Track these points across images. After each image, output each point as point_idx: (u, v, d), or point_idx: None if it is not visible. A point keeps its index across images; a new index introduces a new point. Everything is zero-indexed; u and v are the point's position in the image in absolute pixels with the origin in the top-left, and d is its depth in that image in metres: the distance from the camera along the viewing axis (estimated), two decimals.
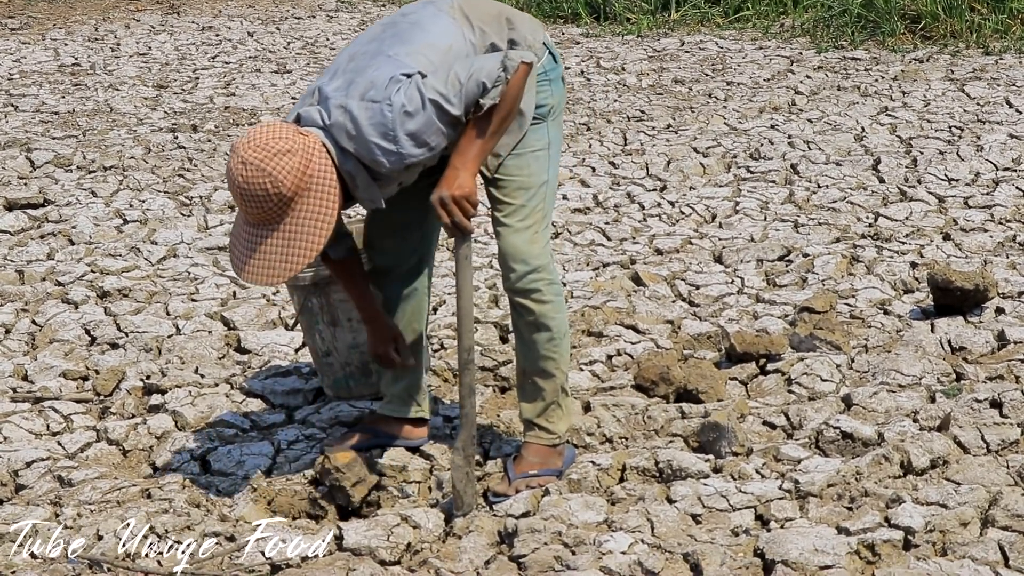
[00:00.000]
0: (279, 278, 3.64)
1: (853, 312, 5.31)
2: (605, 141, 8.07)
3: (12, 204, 6.97)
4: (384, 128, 3.65)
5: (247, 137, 3.63)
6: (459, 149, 3.73)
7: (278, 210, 3.60)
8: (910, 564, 3.41)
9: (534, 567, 3.56)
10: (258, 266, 3.64)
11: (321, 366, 4.60)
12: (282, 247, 3.62)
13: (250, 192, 3.58)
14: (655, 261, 6.04)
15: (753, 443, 4.24)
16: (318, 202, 3.62)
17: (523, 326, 3.99)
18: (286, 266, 3.62)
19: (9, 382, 4.87)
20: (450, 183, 3.70)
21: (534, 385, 4.05)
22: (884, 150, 7.53)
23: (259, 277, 3.65)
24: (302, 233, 3.62)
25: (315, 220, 3.62)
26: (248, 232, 3.66)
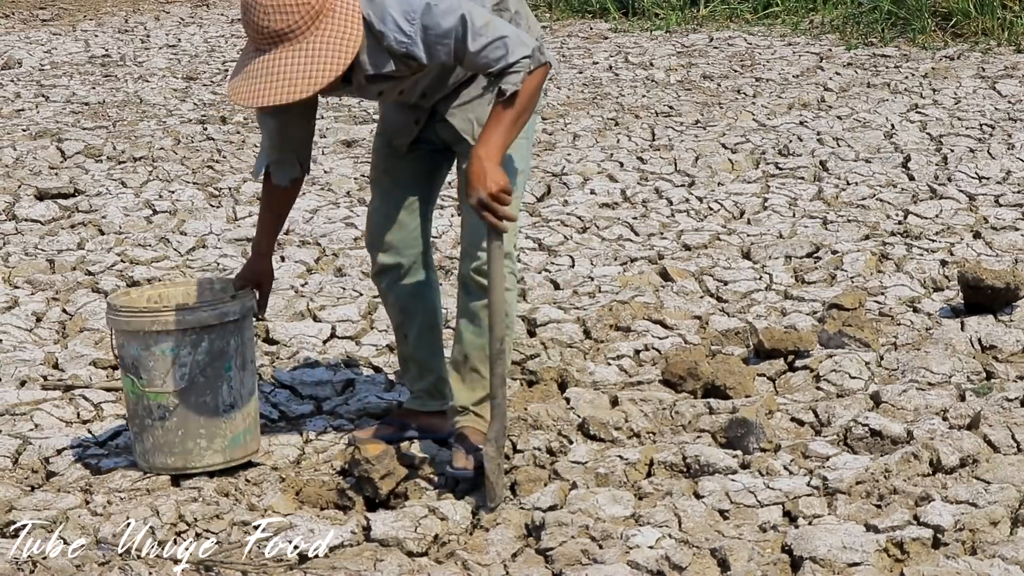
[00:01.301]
0: (301, 93, 3.51)
1: (882, 309, 5.29)
2: (633, 136, 8.06)
3: (43, 194, 7.01)
4: (409, 8, 3.60)
5: None
6: (483, 139, 3.68)
7: (303, 23, 3.51)
8: (939, 563, 3.40)
9: (561, 560, 3.56)
10: (277, 85, 3.51)
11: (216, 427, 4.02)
12: (304, 63, 3.51)
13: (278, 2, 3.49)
14: (683, 256, 6.04)
15: (781, 439, 4.23)
16: (343, 20, 3.54)
17: (480, 309, 3.96)
18: (308, 81, 3.51)
19: (40, 370, 4.89)
20: (483, 180, 3.64)
21: (477, 374, 4.03)
22: (914, 147, 7.50)
23: (279, 94, 3.51)
24: (326, 50, 3.52)
25: (340, 38, 3.53)
26: (262, 59, 3.54)
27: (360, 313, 5.38)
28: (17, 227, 6.58)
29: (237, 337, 4.01)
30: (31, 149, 7.86)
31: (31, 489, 4.05)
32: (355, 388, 4.75)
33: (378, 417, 4.52)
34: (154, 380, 3.96)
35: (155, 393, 3.97)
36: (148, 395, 3.97)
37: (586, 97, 9.08)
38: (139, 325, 3.95)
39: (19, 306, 5.55)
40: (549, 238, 6.31)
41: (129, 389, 4.02)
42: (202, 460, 4.01)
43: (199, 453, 4.01)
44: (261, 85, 3.52)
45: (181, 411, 3.97)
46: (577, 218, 6.58)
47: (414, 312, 4.20)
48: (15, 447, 4.25)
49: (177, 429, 3.98)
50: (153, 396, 3.97)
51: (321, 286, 5.77)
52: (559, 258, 6.08)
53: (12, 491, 3.99)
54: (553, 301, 5.53)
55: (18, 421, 4.48)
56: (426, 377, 4.28)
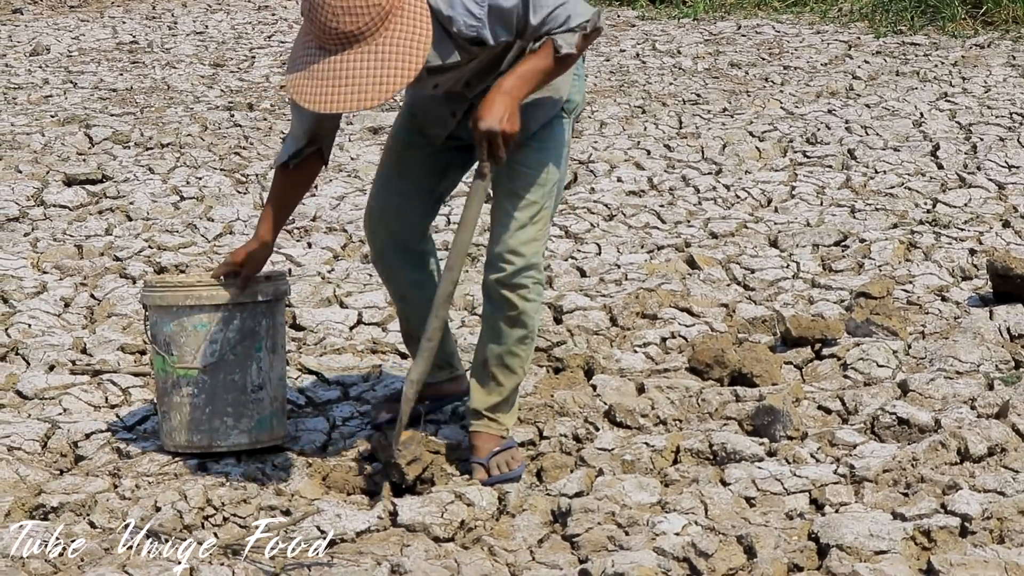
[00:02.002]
0: (374, 101, 3.37)
1: (910, 298, 5.27)
2: (660, 124, 8.04)
3: (71, 180, 7.03)
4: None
5: None
6: (515, 73, 3.58)
7: (372, 25, 3.36)
8: (967, 551, 3.39)
9: (587, 546, 3.56)
10: (346, 92, 3.38)
11: (243, 406, 4.05)
12: (374, 68, 3.37)
13: (348, 2, 3.34)
14: (710, 244, 6.02)
15: (808, 427, 4.23)
16: (414, 19, 3.41)
17: (500, 320, 3.93)
18: (380, 87, 3.37)
19: (68, 355, 4.92)
20: (500, 114, 3.54)
21: (494, 378, 3.99)
22: (943, 136, 7.47)
23: (350, 101, 3.37)
24: (398, 53, 3.38)
25: (412, 36, 3.40)
26: (329, 61, 3.39)
27: (387, 299, 5.38)
28: (45, 213, 6.61)
29: (269, 319, 4.03)
30: (59, 135, 7.89)
31: (60, 473, 4.07)
32: (381, 374, 4.76)
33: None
34: (184, 356, 3.99)
35: (185, 370, 4.00)
36: (178, 372, 4.00)
37: (613, 85, 9.06)
38: (173, 300, 3.99)
39: (47, 291, 5.57)
40: (576, 225, 6.30)
41: (159, 367, 4.05)
42: (227, 440, 4.03)
43: (225, 432, 4.03)
44: (330, 89, 3.40)
45: (209, 388, 4.00)
46: (604, 205, 6.57)
47: (414, 301, 4.13)
48: (44, 431, 4.27)
49: (204, 407, 4.01)
50: (183, 373, 4.00)
51: (348, 272, 5.78)
52: (586, 245, 6.08)
53: (41, 475, 4.01)
54: (580, 288, 5.53)
55: (47, 405, 4.51)
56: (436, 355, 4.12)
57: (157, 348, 4.04)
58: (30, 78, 9.51)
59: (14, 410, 4.48)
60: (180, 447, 4.06)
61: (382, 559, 3.45)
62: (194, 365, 4.00)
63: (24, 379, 4.68)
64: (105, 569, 3.35)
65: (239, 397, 4.02)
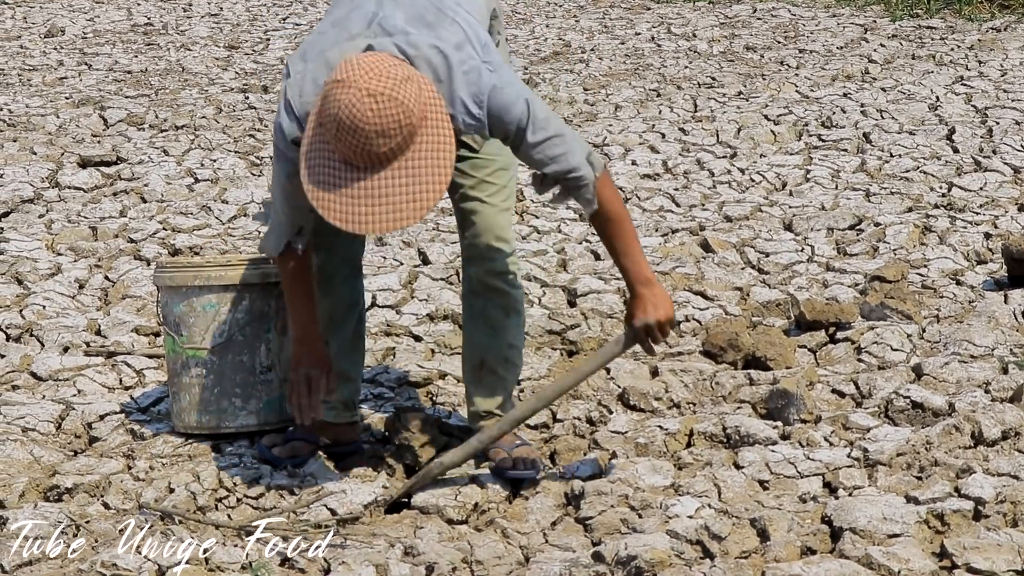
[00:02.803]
0: (408, 221, 3.28)
1: (925, 282, 5.26)
2: (675, 107, 8.02)
3: (86, 161, 7.04)
4: (478, 89, 3.42)
5: (358, 69, 3.26)
6: (631, 269, 3.65)
7: (403, 144, 3.27)
8: (980, 535, 3.38)
9: (600, 529, 3.56)
10: (381, 212, 3.28)
11: (252, 388, 4.04)
12: (407, 186, 3.28)
13: (381, 126, 3.22)
14: (724, 228, 6.01)
15: (822, 411, 4.22)
16: (438, 131, 3.32)
17: (493, 311, 3.89)
18: (413, 206, 3.28)
19: (83, 336, 4.93)
20: (653, 308, 3.64)
21: (496, 377, 3.95)
22: (959, 120, 7.44)
23: (384, 223, 3.27)
24: (428, 167, 3.30)
25: (440, 151, 3.31)
26: (357, 178, 3.28)
27: (400, 282, 5.39)
28: (60, 194, 6.62)
29: (279, 300, 4.02)
30: (74, 117, 7.90)
31: (74, 454, 4.08)
32: (395, 356, 4.77)
33: (418, 386, 4.53)
34: (194, 337, 4.00)
35: (194, 350, 4.01)
36: (187, 352, 4.01)
37: (628, 68, 9.04)
38: (183, 280, 4.01)
39: (62, 273, 5.59)
40: None
41: (169, 348, 4.07)
42: (235, 420, 4.04)
43: (233, 413, 4.03)
44: (364, 209, 3.28)
45: (218, 369, 4.01)
46: (619, 189, 6.56)
47: (346, 319, 3.98)
48: (58, 412, 4.28)
49: (213, 387, 4.02)
50: (192, 353, 4.01)
51: None
52: None
53: (55, 456, 4.02)
54: (594, 271, 5.52)
55: (61, 387, 4.52)
56: (344, 387, 3.99)
57: (168, 328, 4.06)
58: (45, 60, 9.52)
59: (28, 391, 4.49)
60: (190, 428, 4.07)
61: (395, 541, 3.46)
62: (203, 346, 4.01)
63: (38, 360, 4.70)
64: (119, 550, 3.36)
65: (248, 378, 4.02)
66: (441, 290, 5.32)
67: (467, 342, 4.00)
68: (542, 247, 5.78)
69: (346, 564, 3.31)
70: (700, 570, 3.24)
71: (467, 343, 4.00)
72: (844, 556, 3.31)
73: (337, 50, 3.45)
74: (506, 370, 3.96)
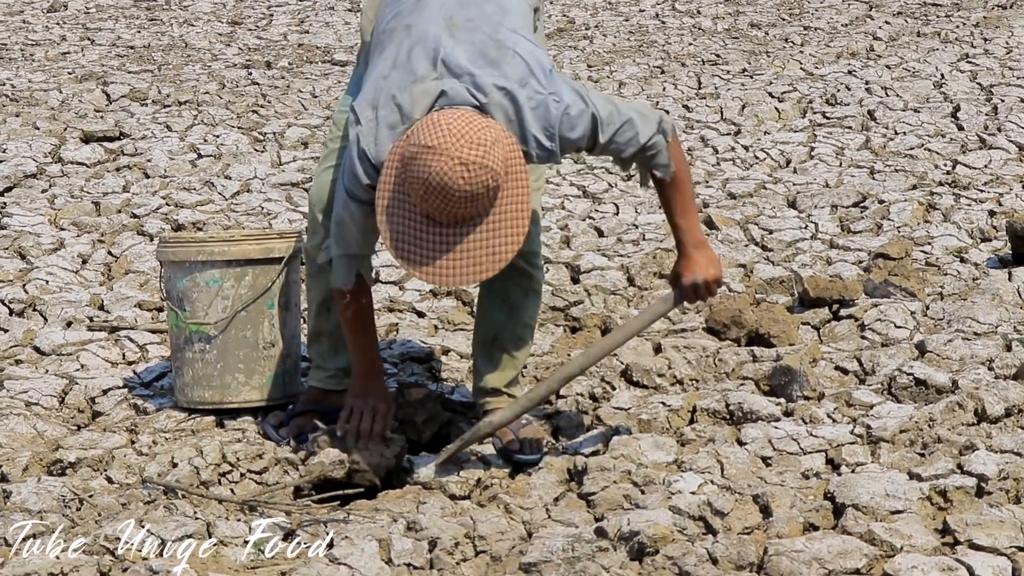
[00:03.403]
0: (488, 273, 3.37)
1: (929, 259, 5.25)
2: (679, 84, 8.01)
3: (89, 137, 7.03)
4: (547, 123, 3.45)
5: (449, 135, 3.28)
6: (684, 229, 3.71)
7: (489, 204, 3.33)
8: (983, 511, 3.38)
9: (603, 505, 3.56)
10: (462, 266, 3.35)
11: (255, 363, 4.04)
12: (487, 240, 3.35)
13: (472, 193, 3.27)
14: (728, 205, 6.00)
15: (825, 388, 4.22)
16: (517, 186, 3.37)
17: (513, 290, 3.92)
18: (495, 258, 3.36)
19: (86, 311, 4.93)
20: (702, 268, 3.71)
21: (507, 354, 3.96)
22: (964, 97, 7.42)
23: (465, 276, 3.36)
24: (508, 220, 3.36)
25: (519, 205, 3.36)
26: (439, 234, 3.34)
27: None
28: (63, 170, 6.61)
29: (282, 276, 4.02)
30: (77, 92, 7.89)
31: (77, 428, 4.08)
32: (398, 332, 4.76)
33: (421, 362, 4.53)
34: (197, 312, 4.01)
35: (197, 325, 4.01)
36: (190, 327, 4.02)
37: (632, 45, 9.02)
38: (185, 255, 4.01)
39: (65, 248, 5.58)
40: (594, 186, 6.29)
41: (173, 323, 4.07)
42: (239, 395, 4.04)
43: (236, 388, 4.04)
44: (444, 263, 3.34)
45: (221, 344, 4.01)
46: None
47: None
48: (62, 387, 4.28)
49: (216, 362, 4.02)
50: (195, 328, 4.01)
51: None
52: (603, 206, 6.06)
53: (59, 430, 4.02)
54: (597, 248, 5.52)
55: (64, 361, 4.52)
56: (341, 354, 4.00)
57: (171, 303, 4.06)
58: (47, 35, 9.51)
59: (32, 366, 4.49)
60: (193, 403, 4.07)
61: (398, 516, 3.46)
62: (206, 321, 4.01)
63: (42, 335, 4.70)
64: (122, 524, 3.36)
65: (251, 354, 4.03)
66: None
67: (481, 318, 4.01)
68: (545, 223, 5.77)
69: (349, 539, 3.31)
70: (703, 546, 3.24)
71: (481, 319, 4.01)
72: (846, 532, 3.31)
73: (407, 95, 3.45)
74: (518, 349, 3.97)
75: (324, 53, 9.00)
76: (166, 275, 4.08)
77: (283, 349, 4.06)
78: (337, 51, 9.04)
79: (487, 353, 3.99)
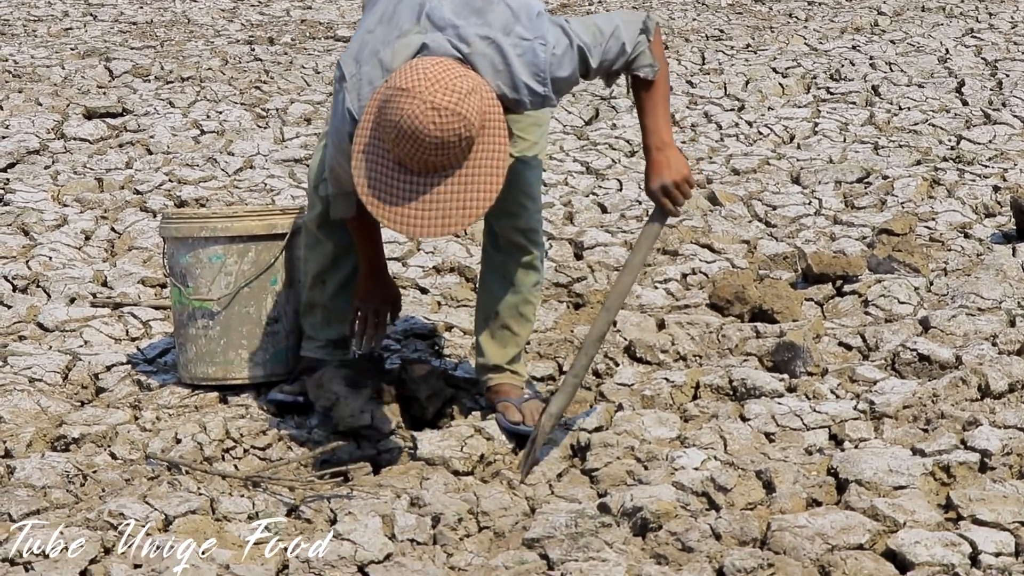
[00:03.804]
0: (456, 226, 3.31)
1: (933, 235, 5.25)
2: (683, 60, 7.98)
3: (91, 113, 7.02)
4: (536, 68, 3.41)
5: (424, 79, 3.25)
6: (651, 129, 3.62)
7: (461, 155, 3.28)
8: (986, 486, 3.38)
9: (606, 481, 3.56)
10: (430, 217, 3.30)
11: (258, 339, 4.05)
12: (458, 192, 3.30)
13: (442, 140, 3.23)
14: (732, 181, 5.99)
15: (828, 363, 4.21)
16: (494, 141, 3.32)
17: (514, 268, 3.92)
18: (464, 212, 3.30)
19: (89, 287, 4.93)
20: (667, 168, 3.60)
21: (509, 331, 3.97)
22: (968, 72, 7.40)
23: (432, 228, 3.30)
24: (481, 175, 3.31)
25: (494, 160, 3.32)
26: (410, 181, 3.30)
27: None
28: (66, 146, 6.60)
29: (284, 252, 4.03)
30: (79, 68, 7.87)
31: (81, 404, 4.09)
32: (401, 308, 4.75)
33: (424, 338, 4.53)
34: (200, 288, 4.01)
35: (200, 301, 4.01)
36: (193, 303, 4.02)
37: None
38: (188, 231, 4.00)
39: (68, 224, 5.58)
40: (597, 161, 6.27)
41: (176, 299, 4.06)
42: (243, 372, 4.04)
43: (240, 364, 4.04)
44: (413, 212, 3.29)
45: (224, 320, 4.01)
46: (625, 141, 6.53)
47: (343, 262, 4.00)
48: (65, 363, 4.29)
49: (220, 339, 4.02)
50: (198, 304, 4.01)
51: None
52: (607, 182, 6.05)
53: (63, 406, 4.02)
54: (600, 224, 5.51)
55: (68, 337, 4.52)
56: (333, 326, 4.05)
57: (174, 280, 4.06)
58: (50, 10, 9.48)
59: (35, 342, 4.49)
60: (196, 379, 4.07)
61: (401, 492, 3.46)
62: (210, 297, 4.01)
63: (45, 311, 4.70)
64: (126, 499, 3.36)
65: (254, 330, 4.03)
66: (447, 242, 5.31)
67: (483, 294, 4.01)
68: (549, 200, 5.77)
69: (352, 515, 3.31)
70: (706, 521, 3.24)
71: (483, 295, 4.01)
72: (850, 508, 3.31)
73: (389, 50, 3.43)
74: (519, 325, 3.97)
75: (327, 29, 8.98)
76: (169, 251, 4.08)
77: (286, 325, 4.06)
78: (340, 27, 9.02)
79: (489, 330, 4.00)
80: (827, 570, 3.07)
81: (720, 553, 3.13)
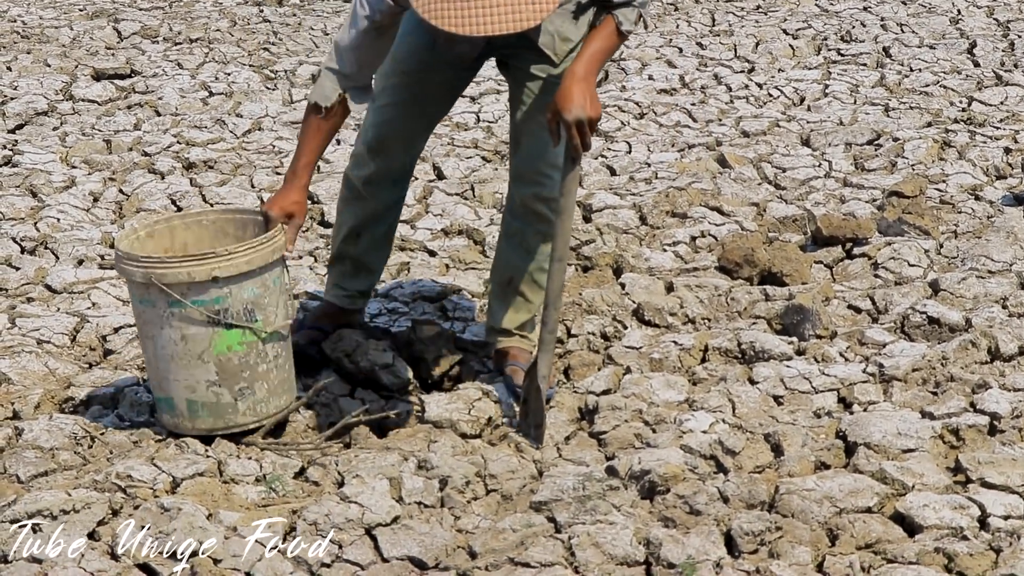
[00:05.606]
0: (528, 23, 3.10)
1: (943, 197, 5.22)
2: (693, 22, 7.94)
3: (100, 74, 7.00)
4: None
5: None
6: (584, 59, 3.53)
7: None
8: (995, 449, 3.37)
9: (614, 444, 3.56)
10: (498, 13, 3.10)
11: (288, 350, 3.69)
12: None
13: None
14: (741, 143, 5.96)
15: (837, 326, 4.20)
16: None
17: (531, 234, 3.91)
18: (535, 8, 3.10)
19: (97, 249, 4.92)
20: (584, 101, 3.47)
21: (522, 297, 3.98)
22: (980, 33, 7.35)
23: (503, 24, 3.10)
24: None
25: None
26: None
27: (415, 197, 5.36)
28: (74, 107, 6.59)
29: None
30: (88, 29, 7.85)
31: (89, 367, 4.09)
32: (410, 271, 4.75)
33: (432, 301, 4.53)
34: (269, 317, 3.55)
35: (274, 331, 3.58)
36: (264, 336, 3.55)
37: None
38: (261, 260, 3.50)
39: (76, 186, 5.57)
40: (606, 124, 6.25)
41: (237, 342, 3.52)
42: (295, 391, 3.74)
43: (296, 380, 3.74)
44: (474, 12, 3.11)
45: (288, 341, 3.67)
46: (635, 104, 6.51)
47: (383, 219, 4.02)
48: (73, 325, 4.29)
49: (285, 363, 3.64)
50: (267, 336, 3.55)
51: None
52: (616, 144, 6.03)
53: (70, 368, 4.02)
54: (609, 187, 5.49)
55: (76, 299, 4.52)
56: (362, 277, 4.06)
57: (235, 322, 3.50)
58: None
59: (43, 304, 4.49)
60: (268, 416, 3.60)
61: (409, 454, 3.46)
62: (280, 323, 3.59)
63: (53, 273, 4.69)
64: (133, 461, 3.37)
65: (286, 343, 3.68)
66: (456, 205, 5.29)
67: (498, 258, 4.02)
68: None
69: (360, 477, 3.32)
70: (714, 484, 3.24)
71: (498, 259, 4.02)
72: (858, 471, 3.31)
73: None
74: (533, 292, 3.97)
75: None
76: (224, 292, 3.47)
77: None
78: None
79: (503, 294, 4.00)
80: (835, 533, 3.07)
81: (728, 516, 3.13)
